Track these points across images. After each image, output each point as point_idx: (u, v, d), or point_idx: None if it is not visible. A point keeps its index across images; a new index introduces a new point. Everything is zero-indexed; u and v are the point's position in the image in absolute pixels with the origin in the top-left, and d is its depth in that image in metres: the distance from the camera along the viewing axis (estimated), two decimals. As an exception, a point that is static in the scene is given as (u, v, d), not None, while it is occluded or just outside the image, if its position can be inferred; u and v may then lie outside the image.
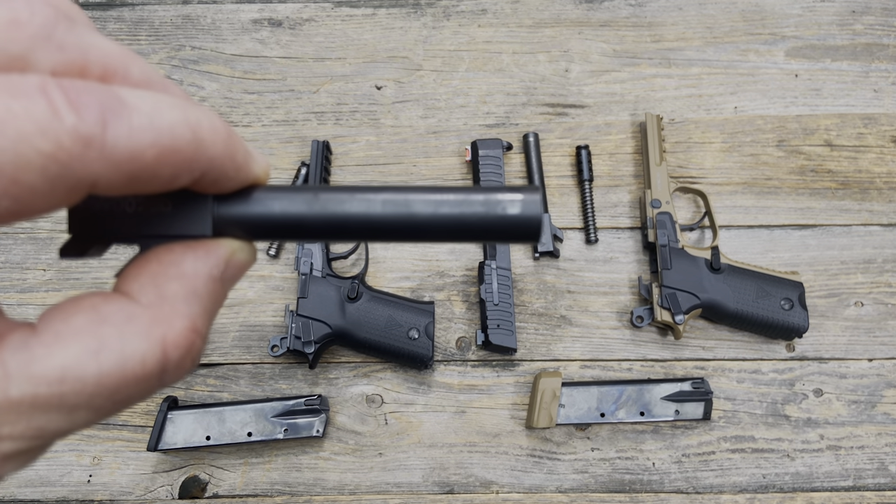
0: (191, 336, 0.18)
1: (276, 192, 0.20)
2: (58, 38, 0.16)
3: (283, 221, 0.20)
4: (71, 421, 0.16)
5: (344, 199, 0.20)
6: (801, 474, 0.73)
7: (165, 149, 0.16)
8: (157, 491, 0.73)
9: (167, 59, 0.90)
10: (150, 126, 0.15)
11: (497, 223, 0.19)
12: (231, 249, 0.19)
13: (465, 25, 0.91)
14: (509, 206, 0.19)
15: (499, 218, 0.19)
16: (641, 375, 0.77)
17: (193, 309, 0.18)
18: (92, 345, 0.16)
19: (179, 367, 0.17)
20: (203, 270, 0.18)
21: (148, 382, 0.17)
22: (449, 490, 0.73)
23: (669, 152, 0.85)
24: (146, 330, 0.17)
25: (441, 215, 0.19)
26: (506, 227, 0.19)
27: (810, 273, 0.80)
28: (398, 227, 0.20)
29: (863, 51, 0.89)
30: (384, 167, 0.85)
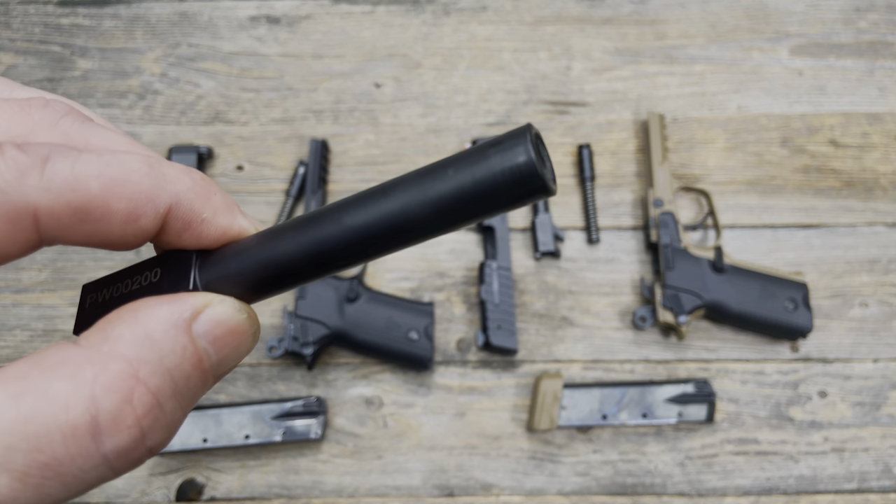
0: (129, 382, 0.14)
1: (255, 241, 0.18)
2: (63, 127, 0.17)
3: (266, 266, 0.17)
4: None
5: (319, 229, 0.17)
6: (806, 477, 0.72)
7: (114, 179, 0.15)
8: (153, 494, 0.72)
9: (164, 57, 0.89)
10: (98, 160, 0.15)
11: (491, 185, 0.15)
12: (205, 300, 0.17)
13: (465, 22, 0.90)
14: (495, 161, 0.15)
15: (489, 178, 0.15)
16: (644, 377, 0.76)
17: (142, 354, 0.15)
18: (15, 388, 0.14)
19: (117, 425, 0.14)
20: (162, 316, 0.16)
21: (77, 440, 0.14)
22: (449, 493, 0.72)
23: (672, 151, 0.84)
24: (73, 370, 0.14)
25: (426, 205, 0.16)
26: (501, 186, 0.15)
27: (815, 273, 0.79)
28: (387, 236, 0.17)
29: (867, 48, 0.88)
30: (383, 166, 0.84)
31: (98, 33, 0.91)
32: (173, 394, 0.15)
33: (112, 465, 0.14)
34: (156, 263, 0.19)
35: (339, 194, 0.83)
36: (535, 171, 0.15)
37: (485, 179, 0.15)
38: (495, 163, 0.15)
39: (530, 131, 0.15)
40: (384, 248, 0.17)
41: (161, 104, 0.87)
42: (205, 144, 0.84)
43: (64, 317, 0.78)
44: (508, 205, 0.16)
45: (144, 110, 0.87)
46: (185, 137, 0.85)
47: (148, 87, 0.88)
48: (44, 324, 0.78)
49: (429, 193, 0.16)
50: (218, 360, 0.17)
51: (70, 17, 0.92)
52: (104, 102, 0.87)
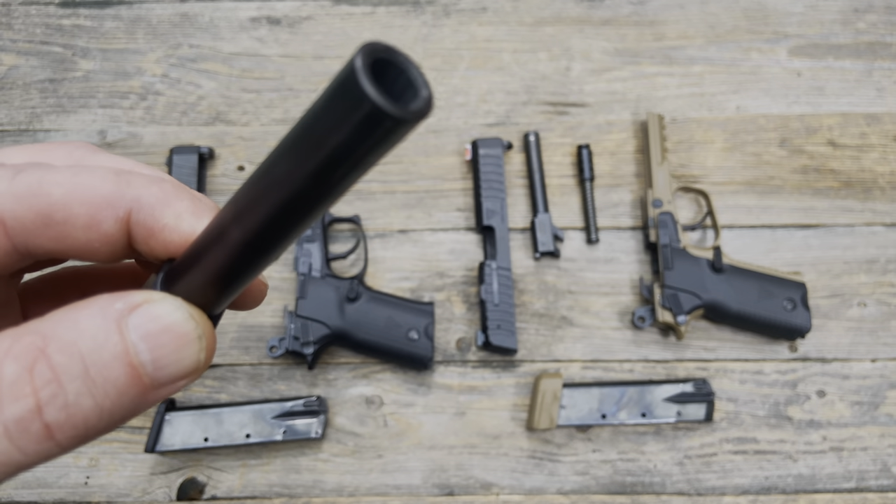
0: (33, 353, 0.14)
1: (196, 239, 0.17)
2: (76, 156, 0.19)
3: (202, 270, 0.16)
4: None
5: (233, 233, 0.16)
6: (804, 476, 0.73)
7: (75, 185, 0.16)
8: (154, 493, 0.73)
9: (165, 58, 0.90)
10: (66, 170, 0.16)
11: (346, 145, 0.13)
12: (145, 297, 0.16)
13: (465, 23, 0.90)
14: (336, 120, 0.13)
15: (343, 141, 0.13)
16: (643, 376, 0.76)
17: (58, 332, 0.15)
18: None
19: (15, 393, 0.14)
20: (97, 304, 0.16)
21: None
22: (449, 492, 0.73)
23: (671, 151, 0.84)
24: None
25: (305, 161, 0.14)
26: (358, 141, 0.13)
27: (813, 273, 0.79)
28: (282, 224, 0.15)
29: (866, 49, 0.88)
30: (383, 166, 0.84)
31: (99, 34, 0.91)
32: (80, 376, 0.15)
33: (13, 439, 0.14)
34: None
35: (339, 194, 0.83)
36: (385, 115, 0.13)
37: (341, 140, 0.13)
38: (337, 122, 0.13)
39: (373, 50, 0.13)
40: (291, 231, 0.16)
41: (162, 105, 0.87)
42: (206, 145, 0.84)
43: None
44: (380, 148, 0.14)
45: (146, 111, 0.87)
46: (186, 138, 0.85)
47: (149, 87, 0.88)
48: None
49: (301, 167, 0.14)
50: (152, 360, 0.16)
51: (71, 18, 0.92)
52: (105, 103, 0.88)
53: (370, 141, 0.13)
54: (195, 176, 0.80)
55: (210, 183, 0.84)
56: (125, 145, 0.86)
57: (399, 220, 0.82)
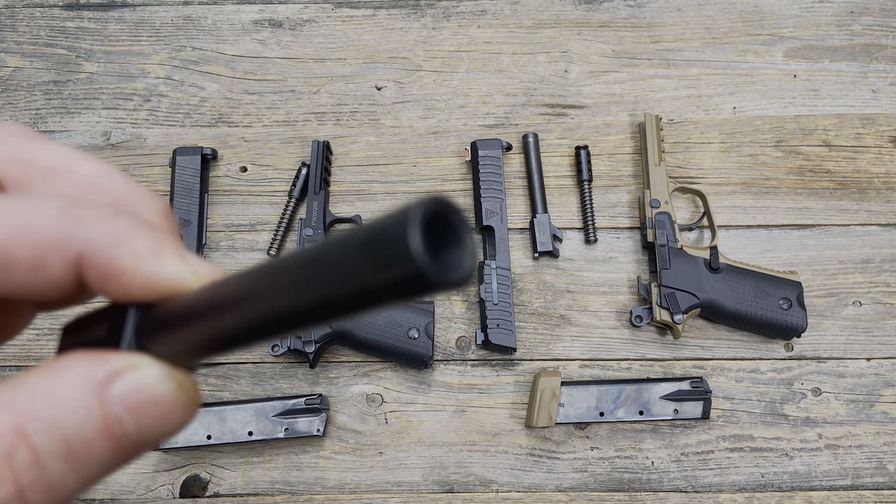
0: (10, 437, 0.13)
1: (185, 301, 0.16)
2: (9, 142, 0.17)
3: (209, 333, 0.16)
4: None
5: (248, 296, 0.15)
6: (800, 473, 0.73)
7: (17, 225, 0.15)
8: (157, 490, 0.74)
9: (168, 60, 0.91)
10: (6, 205, 0.15)
11: (375, 296, 0.13)
12: (128, 363, 0.15)
13: (465, 26, 0.91)
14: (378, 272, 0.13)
15: (372, 288, 0.13)
16: (640, 375, 0.77)
17: (35, 409, 0.14)
18: None
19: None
20: (75, 372, 0.14)
21: None
22: (449, 489, 0.73)
23: (668, 152, 0.85)
24: None
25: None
26: (387, 295, 0.13)
27: (809, 273, 0.80)
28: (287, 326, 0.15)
29: (861, 51, 0.89)
30: (384, 167, 0.85)
31: (103, 36, 0.92)
32: (63, 456, 0.14)
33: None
34: (112, 313, 0.17)
35: (340, 195, 0.84)
36: (427, 281, 0.12)
37: (371, 288, 0.13)
38: (378, 273, 0.13)
39: (430, 204, 0.13)
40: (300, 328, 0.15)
41: (166, 106, 0.88)
42: (209, 146, 0.85)
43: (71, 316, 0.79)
44: (403, 301, 0.13)
45: (149, 112, 0.88)
46: (189, 139, 0.86)
47: (153, 89, 0.89)
48: (50, 322, 0.79)
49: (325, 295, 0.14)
50: (137, 429, 0.15)
51: (75, 21, 0.93)
52: (109, 105, 0.89)
53: (400, 295, 0.13)
54: (198, 177, 0.81)
55: (213, 184, 0.85)
56: (129, 147, 0.87)
57: (399, 220, 0.83)
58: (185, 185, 0.81)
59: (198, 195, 0.81)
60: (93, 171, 0.18)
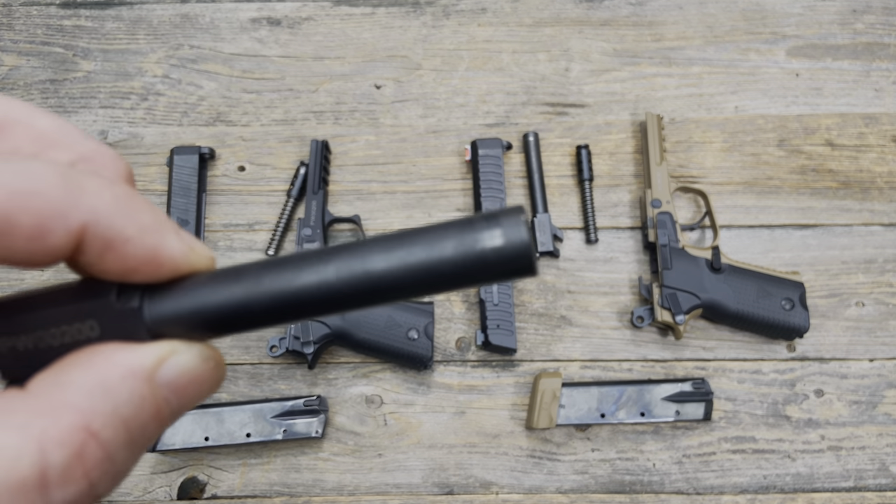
0: (80, 436, 0.14)
1: (216, 278, 0.17)
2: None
3: (227, 313, 0.16)
4: None
5: (291, 274, 0.16)
6: (802, 475, 0.73)
7: (18, 190, 0.14)
8: (155, 492, 0.73)
9: (165, 59, 0.90)
10: (5, 168, 0.14)
11: (478, 265, 0.16)
12: (167, 348, 0.16)
13: (465, 24, 0.91)
14: (488, 240, 0.15)
15: (479, 258, 0.15)
16: (642, 376, 0.76)
17: (95, 405, 0.14)
18: None
19: (67, 478, 0.13)
20: (121, 363, 0.15)
21: (26, 494, 0.13)
22: (448, 491, 0.73)
23: (670, 152, 0.84)
24: (23, 421, 0.13)
25: (408, 269, 0.16)
26: (489, 266, 0.16)
27: (811, 273, 0.79)
28: (359, 293, 0.16)
29: (864, 50, 0.88)
30: (383, 167, 0.85)
31: (100, 35, 0.91)
32: (126, 444, 0.15)
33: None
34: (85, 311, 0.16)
35: (339, 195, 0.83)
36: (530, 265, 0.16)
37: (475, 257, 0.15)
38: (488, 240, 0.15)
39: (523, 212, 0.16)
40: (353, 307, 0.17)
41: (163, 105, 0.88)
42: (206, 145, 0.84)
43: None
44: (489, 282, 0.16)
45: (147, 111, 0.87)
46: (187, 138, 0.86)
47: (150, 88, 0.89)
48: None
49: (419, 271, 0.16)
50: (178, 406, 0.16)
51: (72, 19, 0.92)
52: (106, 104, 0.88)
53: (487, 279, 0.16)
54: (196, 176, 0.81)
55: (211, 183, 0.84)
56: (126, 146, 0.86)
57: (399, 220, 0.82)
58: (183, 184, 0.80)
59: (195, 195, 0.80)
60: (51, 126, 0.17)
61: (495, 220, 0.16)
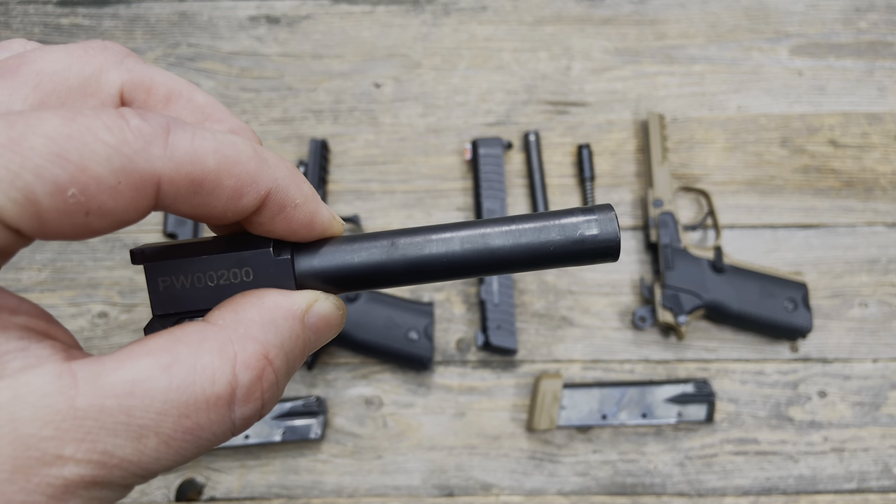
0: (262, 362, 0.17)
1: (354, 242, 0.20)
2: (127, 65, 0.19)
3: (363, 272, 0.20)
4: (138, 450, 0.15)
5: (421, 242, 0.20)
6: (805, 477, 0.72)
7: (227, 158, 0.17)
8: (153, 494, 0.72)
9: (163, 57, 0.89)
10: (213, 137, 0.17)
11: (577, 247, 0.19)
12: (314, 296, 0.19)
13: (465, 22, 0.90)
14: (586, 229, 0.19)
15: (578, 242, 0.19)
16: (643, 377, 0.76)
17: (269, 337, 0.17)
18: (164, 359, 0.16)
19: (248, 397, 0.17)
20: (283, 305, 0.18)
21: (217, 408, 0.16)
22: (448, 493, 0.72)
23: (672, 151, 0.84)
24: (218, 347, 0.16)
25: (520, 247, 0.20)
26: (586, 250, 0.19)
27: (814, 273, 0.79)
28: (479, 263, 0.20)
29: (867, 48, 0.88)
30: (383, 166, 0.84)
31: (98, 33, 0.91)
32: (287, 372, 0.18)
33: (235, 429, 0.17)
34: (243, 260, 0.20)
35: (338, 194, 0.83)
36: (617, 252, 0.20)
37: (576, 244, 0.20)
38: (589, 232, 0.19)
39: (615, 214, 0.20)
40: (465, 276, 0.20)
41: (161, 104, 0.87)
42: (204, 144, 0.83)
43: (64, 316, 0.78)
44: (580, 264, 0.20)
45: (144, 110, 0.87)
46: (184, 137, 0.85)
47: (148, 86, 0.88)
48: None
49: (529, 249, 0.20)
50: (315, 344, 0.20)
51: (70, 17, 0.92)
52: (104, 102, 0.87)
53: (580, 262, 0.20)
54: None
55: (209, 182, 0.83)
56: (124, 145, 0.85)
57: (399, 219, 0.82)
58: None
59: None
60: (207, 101, 0.20)
61: (591, 213, 0.19)
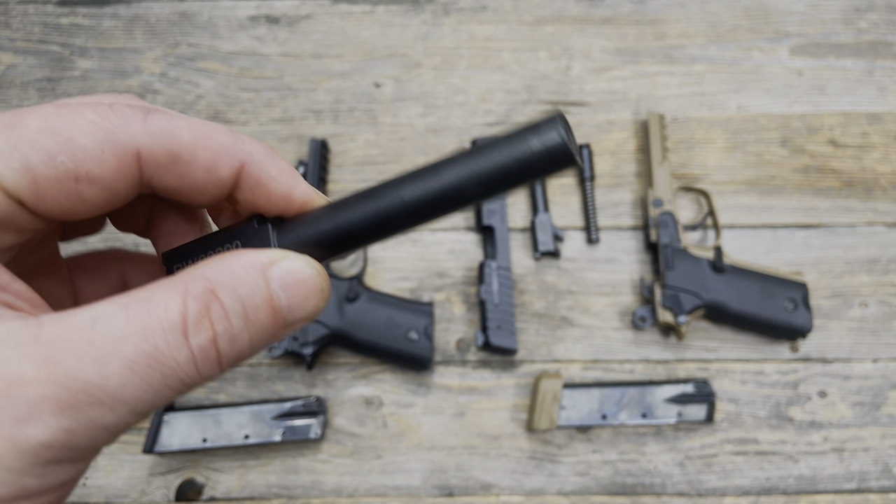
0: (208, 295, 0.18)
1: (325, 211, 0.22)
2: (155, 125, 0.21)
3: (336, 233, 0.21)
4: (102, 374, 0.16)
5: (377, 202, 0.21)
6: (805, 477, 0.72)
7: (201, 133, 0.20)
8: (153, 494, 0.72)
9: (163, 57, 0.89)
10: (189, 119, 0.20)
11: (529, 162, 0.20)
12: (281, 253, 0.20)
13: (465, 22, 0.90)
14: (534, 142, 0.20)
15: (527, 157, 0.20)
16: (643, 377, 0.76)
17: (220, 278, 0.19)
18: (122, 301, 0.17)
19: (199, 324, 0.18)
20: (245, 257, 0.19)
21: (173, 333, 0.17)
22: (448, 493, 0.72)
23: (672, 151, 0.84)
24: (171, 284, 0.18)
25: (477, 177, 0.20)
26: (539, 162, 0.20)
27: (814, 273, 0.79)
28: (442, 200, 0.20)
29: (867, 48, 0.88)
30: (383, 166, 0.84)
31: (97, 33, 0.91)
32: (241, 315, 0.19)
33: (196, 361, 0.18)
34: (234, 235, 0.22)
35: (339, 194, 0.83)
36: (567, 152, 0.19)
37: (525, 159, 0.20)
38: (535, 144, 0.19)
39: (561, 117, 0.20)
40: (436, 216, 0.21)
41: (161, 104, 0.87)
42: (204, 144, 0.83)
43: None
44: (541, 176, 0.20)
45: (144, 110, 0.87)
46: (184, 137, 0.85)
47: (148, 86, 0.88)
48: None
49: (476, 171, 0.20)
50: (288, 305, 0.20)
51: (69, 17, 0.92)
52: (104, 102, 0.87)
53: (544, 175, 0.20)
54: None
55: (209, 182, 0.83)
56: (123, 144, 0.86)
57: (398, 219, 0.82)
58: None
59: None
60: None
61: (536, 128, 0.20)
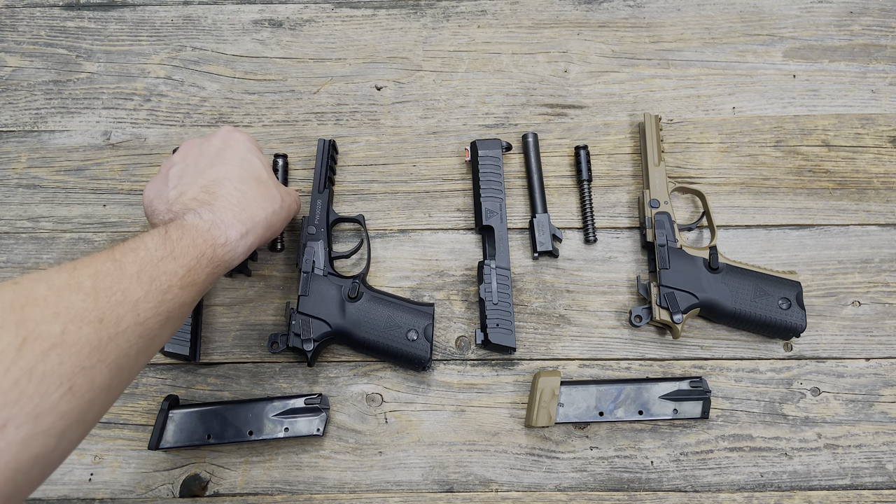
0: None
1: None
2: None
3: None
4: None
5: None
6: (799, 473, 0.73)
7: (293, 210, 0.65)
8: (158, 489, 0.74)
9: (168, 60, 0.91)
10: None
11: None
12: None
13: (465, 26, 0.91)
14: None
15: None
16: (640, 374, 0.77)
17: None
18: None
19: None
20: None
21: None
22: (448, 488, 0.74)
23: (668, 152, 0.85)
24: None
25: None
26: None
27: (808, 273, 0.80)
28: None
29: (860, 51, 0.89)
30: (384, 167, 0.85)
31: (103, 36, 0.92)
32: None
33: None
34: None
35: (340, 195, 0.84)
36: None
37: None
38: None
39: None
40: None
41: (166, 106, 0.89)
42: (208, 146, 0.85)
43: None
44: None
45: (149, 112, 0.88)
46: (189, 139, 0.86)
47: (153, 89, 0.89)
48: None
49: None
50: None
51: (76, 21, 0.93)
52: (109, 105, 0.89)
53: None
54: (198, 176, 0.81)
55: (213, 183, 0.84)
56: (129, 146, 0.87)
57: (399, 219, 0.83)
58: (185, 184, 0.80)
59: (198, 195, 0.81)
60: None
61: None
